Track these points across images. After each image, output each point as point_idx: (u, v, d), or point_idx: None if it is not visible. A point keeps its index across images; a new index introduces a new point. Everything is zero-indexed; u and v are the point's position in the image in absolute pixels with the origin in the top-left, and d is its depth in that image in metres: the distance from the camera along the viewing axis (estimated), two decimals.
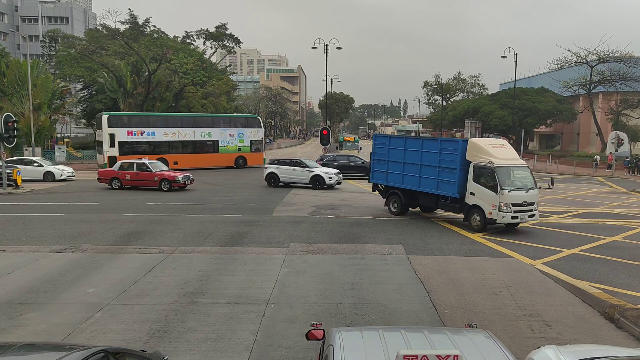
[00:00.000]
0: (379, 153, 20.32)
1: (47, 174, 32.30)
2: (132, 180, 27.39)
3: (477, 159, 16.88)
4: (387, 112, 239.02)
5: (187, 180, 27.46)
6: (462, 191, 17.21)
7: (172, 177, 26.95)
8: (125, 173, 27.48)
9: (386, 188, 20.65)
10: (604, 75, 56.53)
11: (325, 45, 48.80)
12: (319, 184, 28.10)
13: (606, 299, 10.53)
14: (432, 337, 4.51)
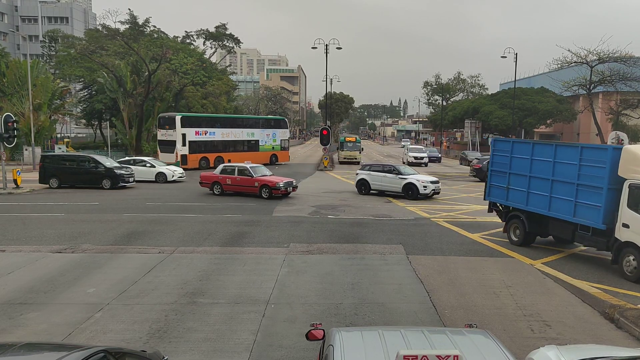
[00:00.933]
0: (498, 163, 15.90)
1: (159, 175, 31.49)
2: (233, 185, 25.14)
3: (636, 176, 11.71)
4: (387, 112, 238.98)
5: (289, 187, 24.72)
6: (611, 221, 12.23)
7: (272, 184, 24.26)
8: (226, 177, 25.25)
9: (506, 209, 16.08)
10: (604, 75, 56.47)
11: (325, 45, 48.79)
12: (411, 193, 24.96)
13: (606, 299, 10.54)
14: (432, 337, 4.52)
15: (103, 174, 27.66)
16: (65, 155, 30.66)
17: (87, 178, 27.99)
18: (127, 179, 28.29)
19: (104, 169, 27.72)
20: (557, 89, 61.60)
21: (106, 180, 27.56)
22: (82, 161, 28.67)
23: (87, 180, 27.92)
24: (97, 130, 66.89)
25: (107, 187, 27.36)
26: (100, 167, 27.80)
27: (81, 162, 28.58)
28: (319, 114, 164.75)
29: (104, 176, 27.64)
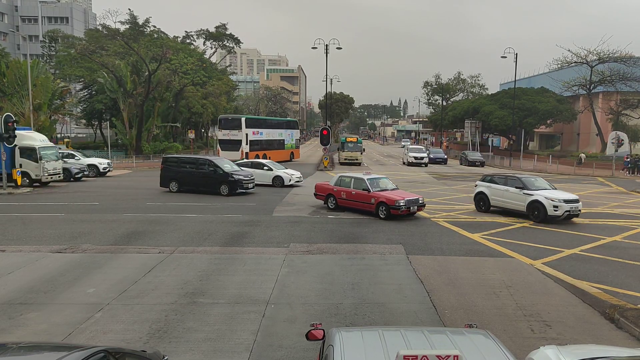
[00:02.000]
0: None
1: (276, 179, 29.71)
2: (347, 200, 20.70)
3: None
4: (387, 112, 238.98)
5: (413, 207, 19.09)
6: None
7: (391, 201, 18.92)
8: (341, 191, 20.92)
9: None
10: (604, 75, 56.49)
11: (325, 46, 48.81)
12: (538, 214, 19.05)
13: (606, 299, 10.54)
14: (432, 337, 4.52)
15: (221, 178, 25.35)
16: (185, 157, 27.89)
17: (206, 182, 25.73)
18: (246, 185, 25.60)
19: (222, 173, 25.43)
20: (557, 89, 61.60)
21: (224, 186, 25.19)
22: (201, 164, 26.31)
23: (205, 184, 25.73)
24: (97, 130, 66.93)
25: (225, 194, 25.09)
26: (218, 170, 25.52)
27: (200, 165, 26.28)
28: (319, 114, 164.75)
29: (222, 181, 25.31)
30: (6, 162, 26.81)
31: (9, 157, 26.93)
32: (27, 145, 27.62)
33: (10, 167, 27.20)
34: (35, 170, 27.70)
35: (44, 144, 28.59)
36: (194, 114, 61.40)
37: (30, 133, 29.32)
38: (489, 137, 74.19)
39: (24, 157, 27.65)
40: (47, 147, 28.62)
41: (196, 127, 70.54)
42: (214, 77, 65.51)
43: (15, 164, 27.38)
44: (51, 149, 29.02)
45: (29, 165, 27.71)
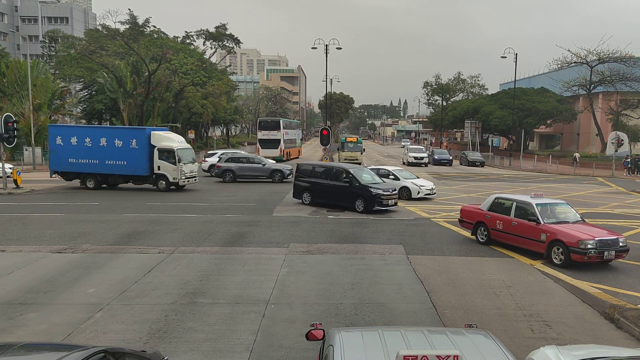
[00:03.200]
0: None
1: (403, 190, 24.91)
2: (504, 233, 14.77)
3: None
4: (387, 112, 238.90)
5: (608, 251, 12.73)
6: None
7: (572, 241, 12.77)
8: (497, 219, 14.99)
9: None
10: (604, 75, 56.49)
11: (325, 46, 48.80)
12: None
13: (606, 299, 10.54)
14: (432, 337, 4.52)
15: (358, 192, 20.75)
16: (319, 165, 23.72)
17: (340, 195, 21.32)
18: (386, 201, 20.60)
19: (359, 185, 20.80)
20: (557, 89, 61.60)
21: (359, 201, 20.59)
22: (336, 173, 21.91)
23: (339, 198, 21.38)
24: None
25: (360, 210, 20.49)
26: (354, 182, 20.97)
27: (335, 175, 21.84)
28: (319, 114, 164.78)
29: (358, 195, 20.68)
30: (143, 163, 26.14)
31: (147, 158, 26.04)
32: (166, 147, 26.10)
33: (150, 169, 26.23)
34: (172, 173, 26.12)
35: (182, 145, 26.87)
36: (194, 114, 61.38)
37: (168, 134, 27.61)
38: (489, 137, 74.18)
39: (162, 159, 26.13)
40: (184, 149, 26.95)
41: (196, 127, 70.52)
42: (214, 77, 65.50)
43: (154, 166, 26.18)
44: (188, 151, 27.44)
45: (166, 168, 26.19)
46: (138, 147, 25.90)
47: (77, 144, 26.35)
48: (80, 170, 26.81)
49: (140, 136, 26.13)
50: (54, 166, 27.30)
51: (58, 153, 26.86)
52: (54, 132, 27.40)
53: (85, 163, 26.48)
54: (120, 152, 25.99)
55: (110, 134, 26.62)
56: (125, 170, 26.30)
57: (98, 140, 26.11)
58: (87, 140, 26.26)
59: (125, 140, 25.89)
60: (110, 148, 26.04)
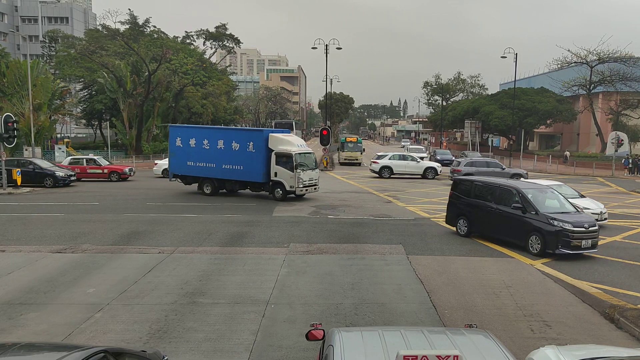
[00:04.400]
0: None
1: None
2: None
3: None
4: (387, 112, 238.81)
5: None
6: None
7: None
8: None
9: None
10: (604, 75, 56.50)
11: (325, 46, 48.79)
12: None
13: (606, 299, 10.55)
14: (432, 337, 4.52)
15: (533, 225, 14.18)
16: (484, 180, 16.86)
17: (507, 227, 15.01)
18: (576, 242, 13.60)
19: (535, 215, 14.15)
20: (557, 89, 61.59)
21: (535, 237, 14.11)
22: (503, 192, 15.40)
23: (506, 231, 15.07)
24: (97, 131, 66.94)
25: (535, 253, 14.06)
26: (530, 210, 14.30)
27: (502, 196, 15.36)
28: (319, 114, 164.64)
29: (533, 229, 14.17)
30: (259, 169, 23.39)
31: (264, 164, 23.37)
32: (283, 151, 23.11)
33: (266, 175, 23.47)
34: (289, 180, 23.14)
35: (302, 149, 23.99)
36: (193, 114, 61.35)
37: (288, 137, 24.66)
38: (489, 137, 74.19)
39: (279, 165, 23.19)
40: (304, 154, 24.04)
41: None
42: (214, 77, 65.51)
43: (271, 172, 23.40)
44: (309, 156, 24.39)
45: (283, 175, 23.23)
46: (255, 151, 23.29)
47: (195, 146, 24.48)
48: (198, 175, 24.99)
49: (258, 139, 23.55)
50: (174, 169, 25.65)
51: (177, 155, 25.18)
52: (175, 133, 25.60)
53: (203, 167, 24.51)
54: (237, 156, 23.68)
55: (228, 136, 24.36)
56: (241, 175, 23.94)
57: (215, 142, 24.07)
58: (205, 143, 24.28)
59: (242, 143, 23.58)
60: (227, 151, 23.84)
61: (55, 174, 28.91)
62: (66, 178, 29.29)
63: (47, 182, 28.65)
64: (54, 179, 28.69)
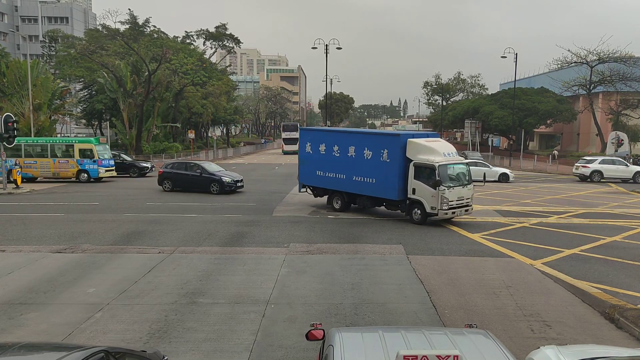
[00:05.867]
0: None
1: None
2: None
3: None
4: (387, 112, 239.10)
5: None
6: None
7: None
8: None
9: None
10: (604, 75, 56.47)
11: (325, 46, 48.87)
12: None
13: (606, 299, 10.54)
14: (432, 337, 4.52)
15: None
16: None
17: None
18: None
19: None
20: (557, 89, 61.56)
21: None
22: None
23: None
24: (97, 130, 66.97)
25: None
26: None
27: None
28: (319, 114, 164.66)
29: None
30: (393, 183, 18.38)
31: (400, 177, 18.24)
32: (423, 162, 17.70)
33: (402, 192, 18.37)
34: (430, 200, 17.65)
35: (449, 159, 18.16)
36: (194, 114, 61.42)
37: (431, 143, 18.65)
38: (489, 137, 74.17)
39: (419, 180, 17.91)
40: (452, 165, 18.32)
41: (196, 127, 70.55)
42: (214, 77, 65.52)
43: (408, 188, 18.16)
44: (459, 169, 18.64)
45: (423, 192, 17.83)
46: (389, 161, 18.61)
47: (325, 153, 21.08)
48: (327, 187, 21.40)
49: (393, 145, 18.73)
50: (303, 178, 22.46)
51: (306, 163, 21.99)
52: (304, 138, 22.26)
53: (332, 178, 20.88)
54: (369, 166, 19.40)
55: (360, 141, 20.12)
56: (373, 190, 19.51)
57: (346, 149, 20.32)
58: (335, 149, 20.64)
59: (375, 150, 19.27)
60: (359, 160, 19.71)
61: (222, 180, 26.05)
62: (232, 184, 26.27)
63: (214, 189, 25.91)
64: (220, 185, 25.93)
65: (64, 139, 41.02)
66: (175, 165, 28.05)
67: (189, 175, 26.68)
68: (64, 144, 32.52)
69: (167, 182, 26.91)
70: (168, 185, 26.83)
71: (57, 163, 31.25)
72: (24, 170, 30.28)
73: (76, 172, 31.27)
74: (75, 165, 31.21)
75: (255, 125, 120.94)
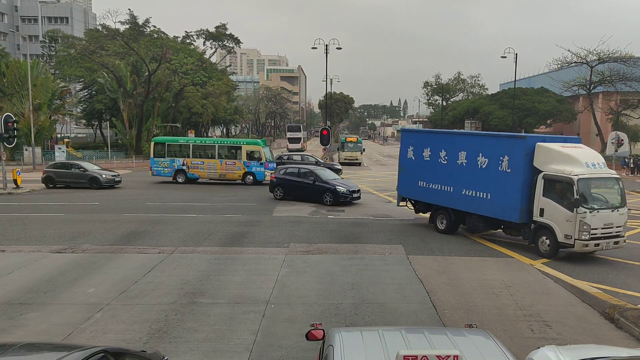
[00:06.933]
0: None
1: None
2: None
3: None
4: (387, 112, 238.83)
5: None
6: None
7: None
8: None
9: None
10: (604, 75, 56.49)
11: (325, 46, 48.75)
12: None
13: (606, 299, 10.54)
14: (432, 337, 4.52)
15: None
16: None
17: None
18: None
19: None
20: (557, 89, 61.60)
21: None
22: None
23: None
24: (97, 131, 66.98)
25: None
26: None
27: None
28: (319, 114, 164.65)
29: None
30: (513, 200, 14.35)
31: (522, 192, 14.17)
32: (558, 175, 13.59)
33: (525, 213, 14.23)
34: (565, 225, 13.38)
35: (594, 172, 13.74)
36: (194, 114, 61.38)
37: (569, 149, 14.30)
38: None
39: (550, 197, 13.77)
40: (599, 180, 13.98)
41: (196, 127, 70.51)
42: (214, 77, 65.50)
43: (534, 208, 14.08)
44: (608, 183, 14.17)
45: (555, 214, 13.65)
46: (510, 171, 14.56)
47: (430, 159, 17.25)
48: (430, 201, 17.49)
49: (516, 151, 14.56)
50: (403, 190, 18.57)
51: (407, 171, 18.29)
52: (407, 140, 18.64)
53: (437, 190, 16.95)
54: (483, 177, 15.32)
55: (472, 145, 15.97)
56: (487, 208, 15.27)
57: (455, 154, 16.28)
58: (442, 155, 16.73)
59: (492, 156, 15.12)
60: (470, 169, 15.76)
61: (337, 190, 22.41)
62: (347, 194, 22.42)
63: (327, 199, 22.39)
64: (334, 195, 22.31)
65: (232, 140, 38.80)
66: (288, 170, 24.79)
67: (302, 183, 23.51)
68: (231, 145, 31.32)
69: (278, 190, 24.16)
70: (279, 193, 24.15)
71: (224, 165, 30.20)
72: (190, 170, 30.39)
73: (242, 174, 30.05)
74: (242, 167, 29.92)
75: (255, 125, 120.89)
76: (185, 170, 30.45)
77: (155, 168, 31.17)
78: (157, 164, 31.06)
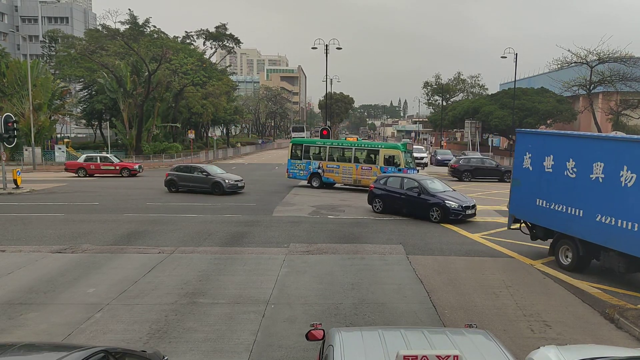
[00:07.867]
0: None
1: None
2: None
3: None
4: (387, 112, 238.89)
5: None
6: None
7: None
8: None
9: None
10: (604, 75, 56.45)
11: (325, 46, 48.76)
12: None
13: (606, 299, 10.54)
14: (432, 337, 4.52)
15: None
16: None
17: None
18: None
19: None
20: (557, 89, 61.55)
21: None
22: None
23: None
24: (97, 131, 66.97)
25: None
26: None
27: None
28: (319, 114, 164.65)
29: None
30: None
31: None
32: None
33: None
34: None
35: None
36: (193, 114, 61.36)
37: None
38: (489, 137, 74.18)
39: None
40: None
41: (196, 127, 70.54)
42: (214, 77, 65.46)
43: None
44: None
45: None
46: None
47: (553, 170, 13.02)
48: (550, 226, 13.33)
49: None
50: (515, 209, 14.59)
51: (523, 185, 14.29)
52: (524, 144, 14.45)
53: (559, 212, 12.79)
54: (629, 200, 10.79)
55: (612, 153, 11.40)
56: (631, 245, 10.69)
57: (589, 166, 11.89)
58: (570, 166, 12.49)
59: None
60: (609, 187, 11.29)
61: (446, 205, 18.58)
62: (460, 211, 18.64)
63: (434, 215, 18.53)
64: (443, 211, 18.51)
65: (370, 142, 35.35)
66: (390, 180, 21.32)
67: (404, 195, 20.09)
68: (368, 149, 28.93)
69: (377, 202, 21.08)
70: (378, 206, 21.01)
71: (359, 169, 27.83)
72: (325, 174, 28.54)
73: None
74: (378, 172, 26.32)
75: (255, 125, 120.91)
76: (320, 174, 28.84)
77: (292, 170, 29.89)
78: (294, 165, 29.79)
